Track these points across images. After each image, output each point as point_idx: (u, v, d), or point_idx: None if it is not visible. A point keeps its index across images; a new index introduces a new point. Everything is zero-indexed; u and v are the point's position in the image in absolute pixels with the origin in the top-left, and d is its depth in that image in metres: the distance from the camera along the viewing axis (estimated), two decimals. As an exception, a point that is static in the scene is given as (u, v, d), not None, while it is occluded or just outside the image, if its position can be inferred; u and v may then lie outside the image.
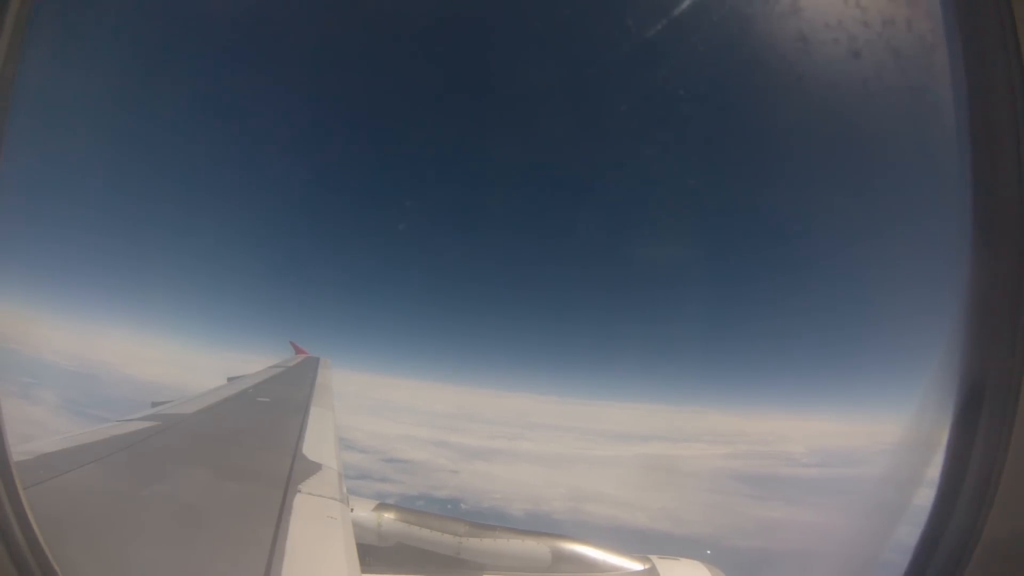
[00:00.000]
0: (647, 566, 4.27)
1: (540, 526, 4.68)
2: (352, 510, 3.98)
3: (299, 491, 3.61)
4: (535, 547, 4.23)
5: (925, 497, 1.51)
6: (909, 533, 1.55)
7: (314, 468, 4.24)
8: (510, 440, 22.83)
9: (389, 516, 4.43)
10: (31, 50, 1.51)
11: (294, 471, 4.05)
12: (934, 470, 1.48)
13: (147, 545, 2.69)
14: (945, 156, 1.60)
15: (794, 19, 3.48)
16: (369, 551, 4.19)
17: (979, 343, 1.43)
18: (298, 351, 11.90)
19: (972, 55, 1.44)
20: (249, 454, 4.80)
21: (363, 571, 2.98)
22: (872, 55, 2.70)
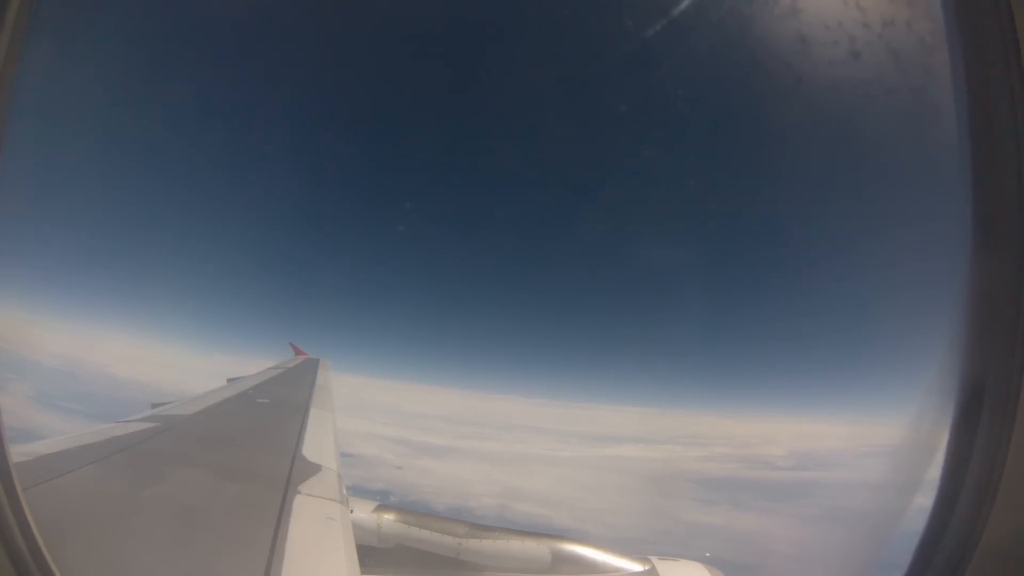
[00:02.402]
0: (647, 567, 4.27)
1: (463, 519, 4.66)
2: (352, 511, 3.98)
3: (299, 492, 3.61)
4: (535, 548, 4.23)
5: (925, 498, 1.51)
6: (910, 534, 1.55)
7: (314, 469, 4.24)
8: (478, 440, 22.87)
9: (389, 517, 4.42)
10: (31, 50, 1.51)
11: (294, 472, 4.05)
12: (934, 471, 1.48)
13: (147, 546, 2.68)
14: (945, 156, 1.60)
15: (794, 20, 3.48)
16: (369, 552, 4.19)
17: (979, 343, 1.42)
18: (298, 352, 11.90)
19: (972, 56, 1.44)
20: (249, 455, 4.79)
21: (363, 572, 2.97)
22: (872, 56, 2.70)
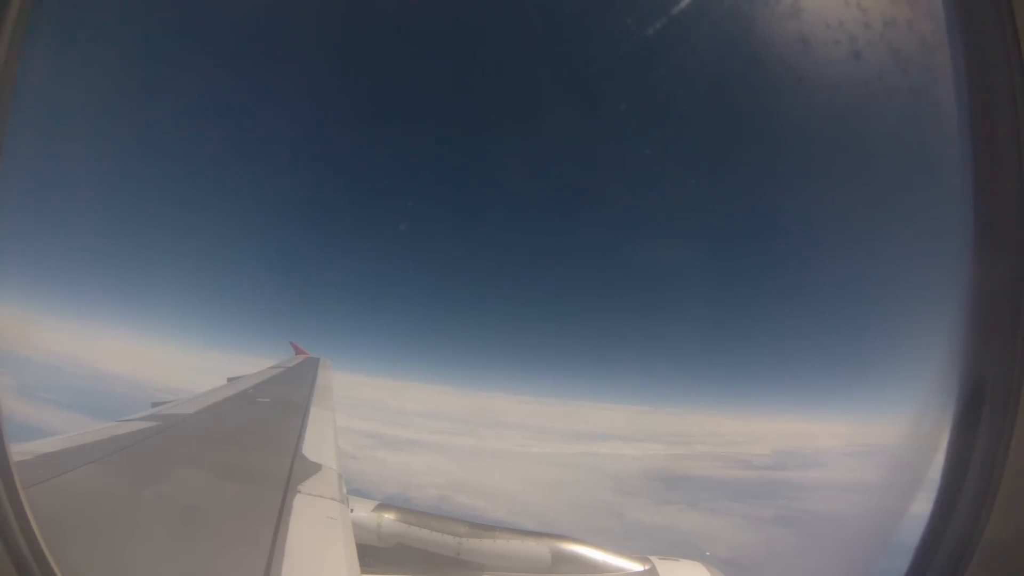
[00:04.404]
0: (647, 567, 4.27)
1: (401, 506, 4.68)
2: (352, 510, 3.98)
3: (299, 491, 3.61)
4: (535, 548, 4.23)
5: (925, 498, 1.51)
6: (910, 534, 1.55)
7: (314, 468, 4.24)
8: (452, 436, 22.85)
9: (389, 517, 4.42)
10: (31, 50, 1.51)
11: (294, 471, 4.05)
12: (934, 471, 1.48)
13: (147, 545, 2.69)
14: (945, 156, 1.60)
15: (795, 20, 3.48)
16: (369, 552, 4.19)
17: (979, 343, 1.42)
18: (298, 352, 11.91)
19: (973, 56, 1.44)
20: (249, 454, 4.80)
21: (363, 572, 2.98)
22: (873, 56, 2.70)
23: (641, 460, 21.67)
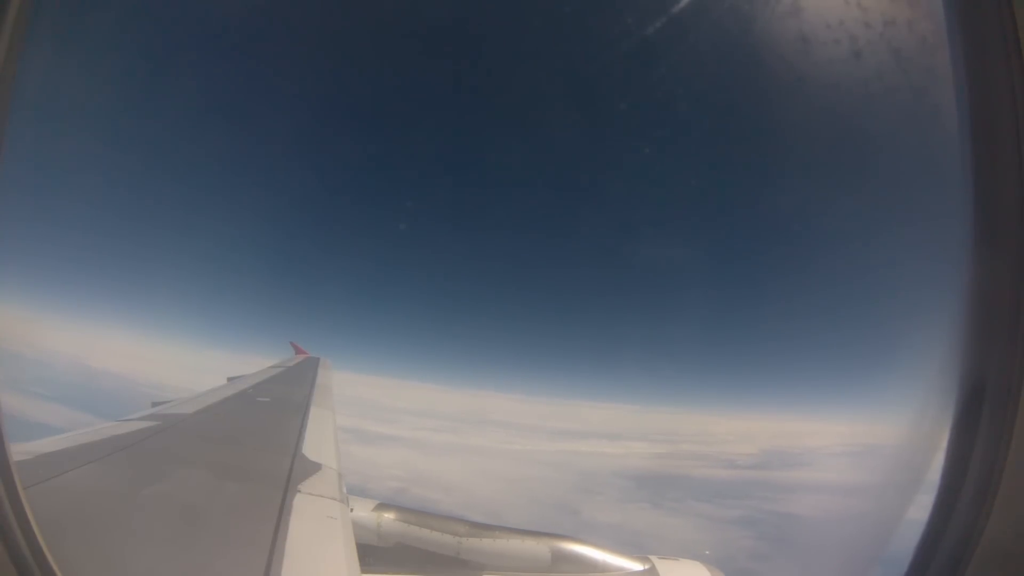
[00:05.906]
0: (647, 566, 4.28)
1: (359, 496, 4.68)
2: (352, 510, 3.98)
3: (299, 491, 3.61)
4: (535, 547, 4.23)
5: (925, 498, 1.51)
6: (909, 534, 1.55)
7: (314, 468, 4.24)
8: (433, 433, 22.83)
9: (389, 516, 4.42)
10: (31, 50, 1.51)
11: (294, 471, 4.05)
12: (934, 471, 1.48)
13: (147, 545, 2.69)
14: (945, 156, 1.60)
15: (795, 19, 3.48)
16: (369, 551, 4.19)
17: (979, 343, 1.43)
18: (298, 351, 11.91)
19: (973, 56, 1.44)
20: (249, 454, 4.80)
21: (363, 571, 2.98)
22: (873, 56, 2.70)
23: (621, 458, 21.64)
